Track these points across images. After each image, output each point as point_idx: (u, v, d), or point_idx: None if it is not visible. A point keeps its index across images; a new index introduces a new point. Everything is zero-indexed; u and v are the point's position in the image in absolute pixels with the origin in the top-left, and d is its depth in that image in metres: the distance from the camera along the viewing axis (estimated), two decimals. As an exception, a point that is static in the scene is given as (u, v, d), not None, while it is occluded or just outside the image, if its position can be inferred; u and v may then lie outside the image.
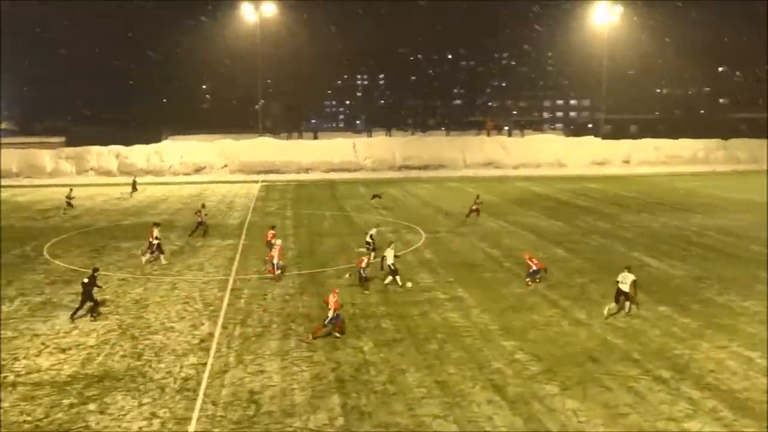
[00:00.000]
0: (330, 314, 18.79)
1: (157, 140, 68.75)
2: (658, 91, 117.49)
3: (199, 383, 16.08)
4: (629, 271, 20.83)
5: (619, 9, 75.04)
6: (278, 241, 26.23)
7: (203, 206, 35.91)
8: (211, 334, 19.37)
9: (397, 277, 24.05)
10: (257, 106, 75.69)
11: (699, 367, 16.99)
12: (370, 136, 77.35)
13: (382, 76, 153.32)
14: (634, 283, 20.61)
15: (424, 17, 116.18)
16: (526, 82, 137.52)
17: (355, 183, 58.07)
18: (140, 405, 15.05)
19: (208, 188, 54.54)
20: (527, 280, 24.36)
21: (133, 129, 72.54)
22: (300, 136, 77.93)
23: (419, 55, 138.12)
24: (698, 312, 21.39)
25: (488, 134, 77.34)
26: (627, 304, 20.82)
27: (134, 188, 49.48)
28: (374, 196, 44.08)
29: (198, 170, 63.56)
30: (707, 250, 30.61)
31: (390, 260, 24.15)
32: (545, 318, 20.85)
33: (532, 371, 16.77)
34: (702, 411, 14.64)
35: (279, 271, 25.01)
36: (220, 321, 20.56)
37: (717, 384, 15.97)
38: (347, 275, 25.09)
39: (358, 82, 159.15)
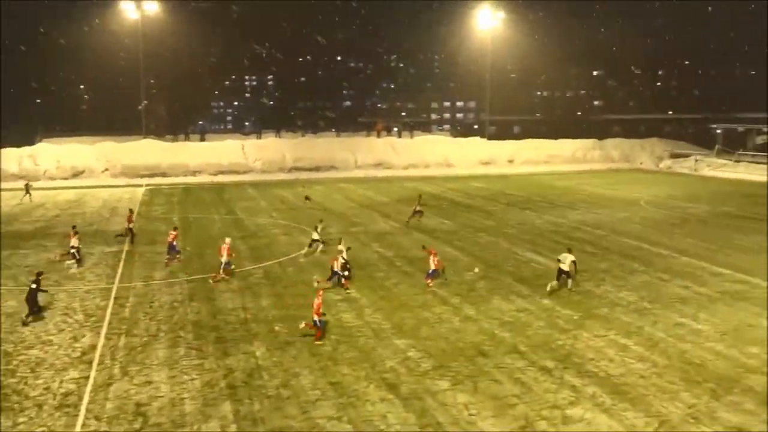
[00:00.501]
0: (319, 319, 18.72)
1: (31, 143, 64.81)
2: (539, 93, 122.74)
3: (80, 398, 15.29)
4: (569, 252, 23.28)
5: (501, 14, 77.71)
6: (227, 239, 26.06)
7: (131, 211, 34.10)
8: (93, 346, 18.46)
9: (347, 272, 24.32)
10: (140, 107, 72.88)
11: (580, 355, 17.86)
12: (260, 138, 76.24)
13: (270, 77, 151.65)
14: (573, 263, 23.01)
15: (314, 18, 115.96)
16: (414, 84, 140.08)
17: (245, 185, 57.09)
18: (15, 425, 14.13)
19: (88, 193, 51.97)
20: (427, 281, 24.52)
21: (2, 131, 68.01)
22: (186, 138, 75.71)
23: (308, 57, 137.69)
24: (578, 303, 22.48)
25: (378, 135, 78.07)
26: (569, 281, 23.23)
27: (27, 192, 46.93)
28: (306, 198, 44.17)
29: (76, 174, 60.41)
30: (585, 244, 32.22)
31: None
32: (436, 315, 21.28)
33: (424, 368, 17.06)
34: (583, 397, 15.39)
35: (230, 267, 25.18)
36: (104, 332, 19.65)
37: (596, 371, 16.84)
38: (315, 279, 24.43)
39: (246, 83, 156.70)
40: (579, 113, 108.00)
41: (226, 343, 18.79)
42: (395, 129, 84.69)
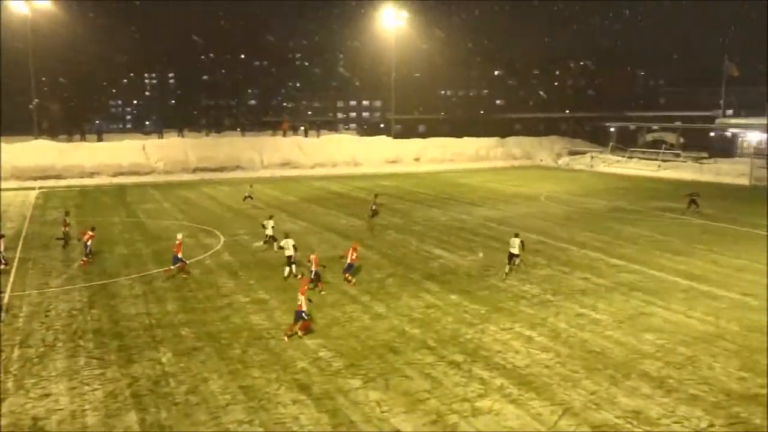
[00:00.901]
0: (301, 311, 18.67)
1: None
2: (443, 93, 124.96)
3: (-30, 416, 14.34)
4: (516, 236, 25.75)
5: (404, 14, 78.54)
6: (179, 235, 25.78)
7: (67, 214, 32.51)
8: (-17, 360, 17.37)
9: (293, 266, 25.03)
10: (31, 106, 69.11)
11: (488, 348, 18.29)
12: (161, 138, 73.97)
13: (172, 75, 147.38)
14: (521, 245, 25.61)
15: (215, 15, 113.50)
16: (319, 83, 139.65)
17: (147, 187, 55.22)
18: None
19: (-26, 197, 48.85)
20: (346, 276, 24.58)
21: None
22: (82, 138, 72.42)
23: (211, 54, 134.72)
24: (485, 298, 23.03)
25: (284, 134, 77.32)
26: (517, 261, 25.51)
27: None
28: (246, 197, 43.57)
29: (-39, 177, 56.69)
30: (490, 240, 33.05)
31: (290, 252, 24.96)
32: (347, 314, 21.27)
33: (335, 367, 17.02)
34: (491, 389, 15.77)
35: (182, 263, 25.17)
36: (-5, 344, 18.52)
37: (503, 363, 17.29)
38: (298, 276, 24.10)
39: (147, 81, 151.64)
40: (482, 112, 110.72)
41: (129, 350, 18.11)
42: (301, 128, 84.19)
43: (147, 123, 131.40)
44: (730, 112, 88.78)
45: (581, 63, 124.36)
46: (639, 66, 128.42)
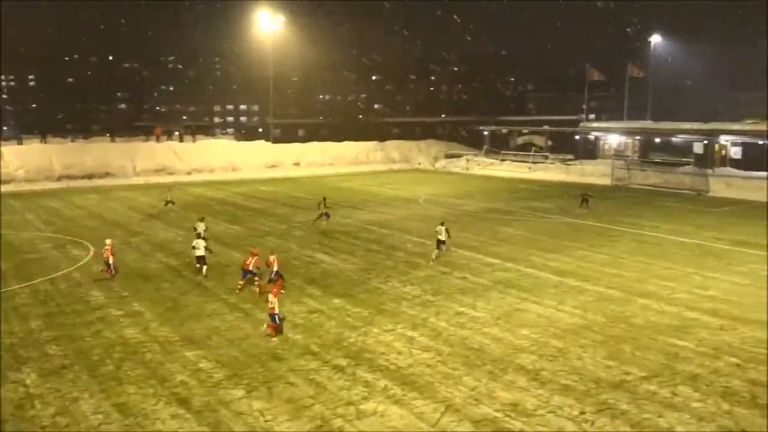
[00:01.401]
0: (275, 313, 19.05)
1: None
2: (321, 97, 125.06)
3: None
4: (442, 225, 29.04)
5: (281, 18, 77.93)
6: (108, 241, 26.18)
7: None
8: None
9: (205, 267, 25.87)
10: None
11: (371, 351, 18.44)
12: (21, 144, 69.31)
13: (32, 77, 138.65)
14: (447, 231, 28.72)
15: (79, 15, 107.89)
16: (195, 86, 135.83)
17: (5, 197, 51.54)
18: None
19: None
20: (243, 282, 24.28)
21: None
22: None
23: (75, 56, 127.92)
24: (368, 300, 23.21)
25: (158, 140, 74.57)
26: (443, 247, 28.61)
27: None
28: (167, 203, 42.28)
29: None
30: (371, 243, 33.38)
31: (200, 252, 26.03)
32: (228, 323, 20.79)
33: (216, 378, 16.58)
34: (376, 391, 15.90)
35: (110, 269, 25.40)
36: None
37: (387, 365, 17.48)
38: (256, 280, 24.05)
39: (3, 83, 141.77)
40: (361, 116, 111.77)
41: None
42: (176, 133, 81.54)
43: (5, 128, 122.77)
44: (592, 116, 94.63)
45: (455, 68, 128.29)
46: (509, 72, 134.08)
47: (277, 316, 19.22)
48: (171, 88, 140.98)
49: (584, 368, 17.30)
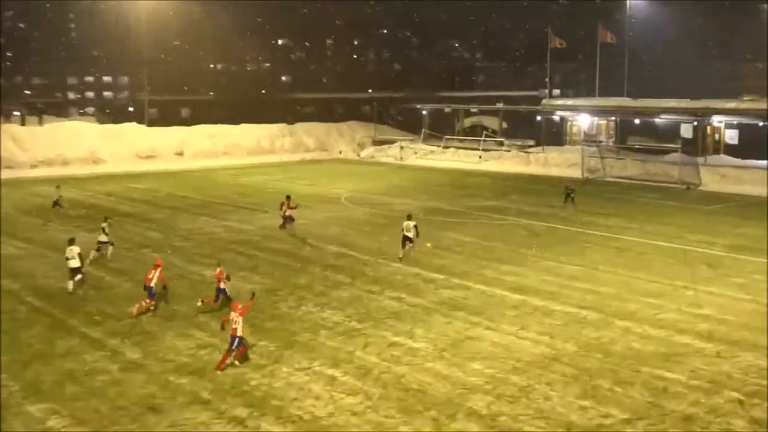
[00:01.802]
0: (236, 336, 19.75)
1: None
2: (212, 66, 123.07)
3: None
4: (409, 219, 31.36)
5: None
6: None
7: None
8: None
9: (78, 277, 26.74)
10: None
11: (279, 396, 18.17)
12: None
13: None
14: (415, 227, 31.02)
15: None
16: (41, 52, 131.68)
17: None
18: None
19: None
20: (150, 302, 24.59)
21: None
22: None
23: None
24: (275, 331, 22.91)
25: (-9, 122, 72.15)
26: (411, 245, 30.99)
27: None
28: (55, 204, 41.27)
29: None
30: (279, 255, 33.06)
31: (76, 262, 26.59)
32: (87, 365, 20.15)
33: (73, 439, 16.00)
34: (286, 449, 15.65)
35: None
36: None
37: (300, 414, 17.26)
38: (201, 299, 25.01)
39: None
40: (263, 91, 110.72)
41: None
42: (16, 113, 79.05)
43: None
44: (557, 92, 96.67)
45: (385, 31, 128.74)
46: (453, 37, 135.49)
47: (240, 340, 19.94)
48: (9, 54, 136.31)
49: (552, 411, 17.49)
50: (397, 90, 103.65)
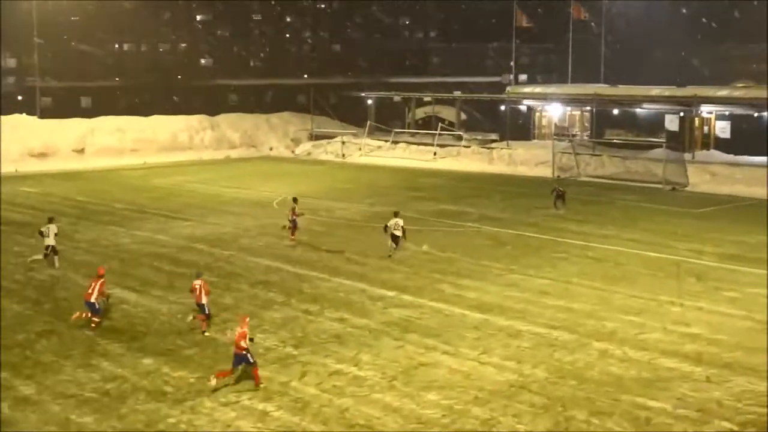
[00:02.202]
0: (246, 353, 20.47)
1: None
2: (117, 47, 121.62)
3: None
4: (396, 216, 34.46)
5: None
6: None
7: None
8: None
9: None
10: None
11: (202, 436, 18.17)
12: None
13: None
14: (403, 228, 33.91)
15: None
16: None
17: None
18: None
19: None
20: (93, 319, 25.11)
21: None
22: None
23: None
24: (196, 359, 22.81)
25: None
26: (395, 247, 33.75)
27: None
28: None
29: None
30: (201, 270, 32.87)
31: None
32: (-30, 402, 19.90)
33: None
34: (211, 497, 15.65)
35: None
36: None
37: (227, 455, 17.25)
38: (190, 317, 25.59)
39: None
40: (179, 77, 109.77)
41: None
42: None
43: None
44: (523, 77, 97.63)
45: (323, 6, 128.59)
46: (404, 14, 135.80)
47: (248, 355, 20.66)
48: None
49: (520, 447, 17.72)
50: (339, 76, 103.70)
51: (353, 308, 27.69)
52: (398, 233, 33.16)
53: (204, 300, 25.26)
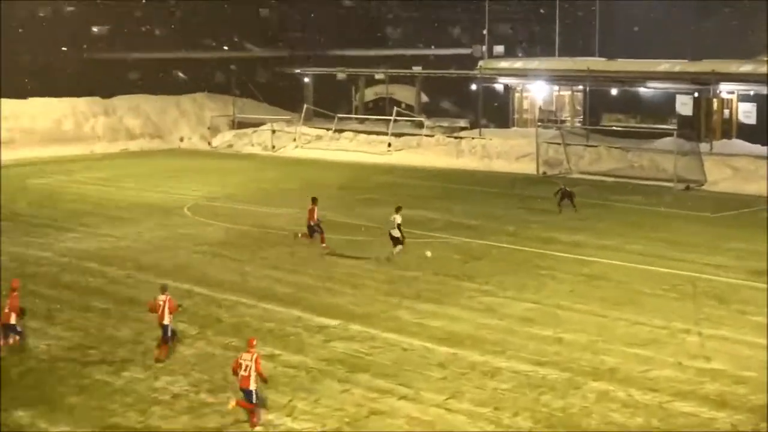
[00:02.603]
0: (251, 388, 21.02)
1: None
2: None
3: None
4: (398, 212, 36.26)
5: None
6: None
7: None
8: None
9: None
10: None
11: None
12: None
13: None
14: (399, 228, 36.13)
15: None
16: None
17: None
18: None
19: None
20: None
21: None
22: None
23: None
24: (82, 410, 22.39)
25: None
26: (395, 246, 36.30)
27: None
28: None
29: None
30: (87, 295, 32.51)
31: None
32: None
33: None
34: None
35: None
36: None
37: None
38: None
39: None
40: (64, 49, 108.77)
41: None
42: None
43: None
44: (499, 49, 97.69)
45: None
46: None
47: (255, 394, 21.19)
48: None
49: None
50: (268, 48, 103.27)
51: (286, 342, 27.39)
52: (396, 233, 34.48)
53: (167, 320, 25.32)
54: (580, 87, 75.14)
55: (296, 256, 38.48)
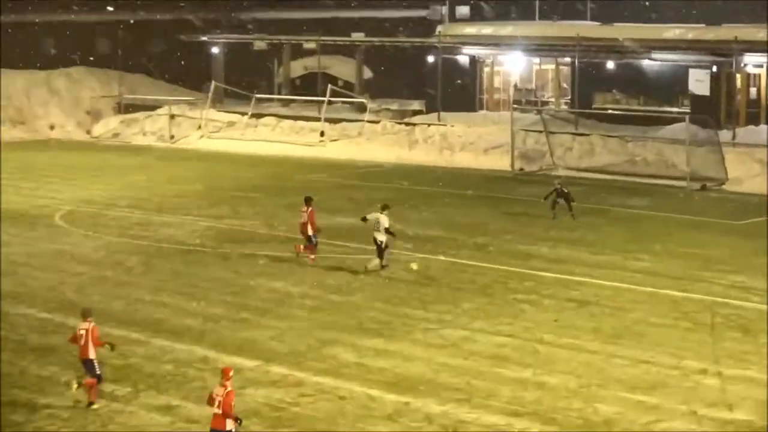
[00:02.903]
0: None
1: None
2: None
3: None
4: (384, 210, 38.87)
5: None
6: None
7: None
8: None
9: None
10: None
11: None
12: None
13: None
14: (388, 231, 38.37)
15: None
16: None
17: None
18: None
19: None
20: None
21: None
22: None
23: None
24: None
25: None
26: (386, 253, 38.53)
27: None
28: None
29: None
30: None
31: None
32: None
33: None
34: None
35: None
36: None
37: None
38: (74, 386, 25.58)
39: None
40: None
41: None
42: None
43: None
44: (464, 11, 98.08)
45: None
46: None
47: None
48: None
49: None
50: (164, 9, 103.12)
51: (188, 390, 27.21)
52: (381, 237, 36.08)
53: (92, 354, 25.22)
54: (567, 59, 75.48)
55: (200, 275, 38.36)
